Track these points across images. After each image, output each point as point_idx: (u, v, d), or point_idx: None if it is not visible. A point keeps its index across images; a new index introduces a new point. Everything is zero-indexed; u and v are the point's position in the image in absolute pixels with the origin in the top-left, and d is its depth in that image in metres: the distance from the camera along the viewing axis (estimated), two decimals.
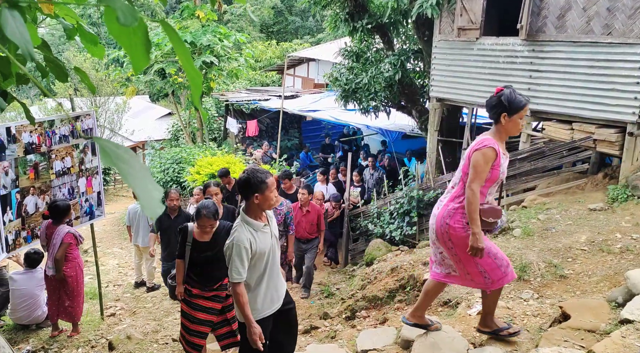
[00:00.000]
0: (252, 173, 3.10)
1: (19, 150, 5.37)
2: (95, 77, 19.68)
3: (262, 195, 3.08)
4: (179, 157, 12.23)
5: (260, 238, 3.13)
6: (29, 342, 5.91)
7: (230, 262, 3.06)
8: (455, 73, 8.83)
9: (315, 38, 33.03)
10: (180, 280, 4.44)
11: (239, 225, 3.12)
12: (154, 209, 0.54)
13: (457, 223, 3.15)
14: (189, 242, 4.33)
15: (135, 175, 0.53)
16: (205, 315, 4.42)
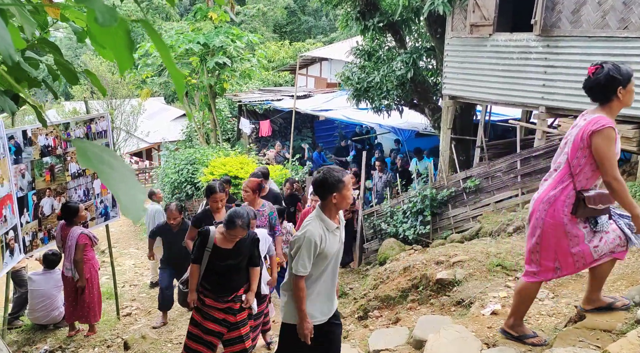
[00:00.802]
0: (328, 172, 3.00)
1: (35, 152, 5.45)
2: (110, 79, 19.94)
3: (340, 194, 2.99)
4: (193, 158, 12.31)
5: (330, 239, 3.05)
6: (46, 342, 6.00)
7: (298, 254, 2.97)
8: (468, 70, 8.75)
9: (328, 37, 33.03)
10: (194, 287, 4.17)
11: (313, 219, 3.04)
12: (137, 212, 0.54)
13: (557, 211, 2.96)
14: (208, 248, 4.02)
15: (118, 178, 0.53)
16: (216, 326, 4.14)
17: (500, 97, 8.33)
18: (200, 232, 4.12)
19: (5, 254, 4.85)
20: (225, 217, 3.92)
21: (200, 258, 4.08)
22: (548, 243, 3.05)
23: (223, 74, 14.72)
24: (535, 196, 3.16)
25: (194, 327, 4.19)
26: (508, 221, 6.48)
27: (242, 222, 3.85)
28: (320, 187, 3.02)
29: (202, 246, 4.05)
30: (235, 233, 3.89)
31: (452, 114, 9.27)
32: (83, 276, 5.43)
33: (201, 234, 4.09)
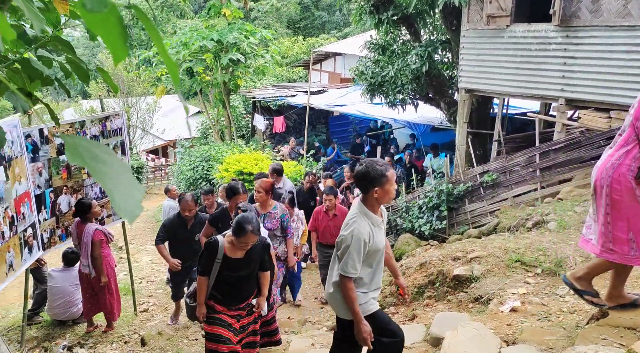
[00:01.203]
0: (370, 165, 2.87)
1: (51, 151, 5.48)
2: (126, 77, 20.10)
3: (382, 189, 2.87)
4: (208, 155, 12.36)
5: (377, 233, 2.96)
6: (65, 338, 6.06)
7: (347, 255, 2.86)
8: (484, 62, 8.61)
9: (342, 32, 32.85)
10: (202, 300, 3.91)
11: (357, 216, 2.92)
12: (133, 211, 0.50)
13: (622, 176, 2.75)
14: (218, 259, 3.78)
15: (112, 175, 0.49)
16: (231, 334, 3.97)
17: (518, 89, 8.18)
18: (208, 243, 3.87)
19: (24, 251, 4.90)
20: (234, 225, 3.71)
21: (209, 270, 3.84)
22: (618, 212, 2.80)
23: (237, 70, 14.72)
24: (598, 163, 2.95)
25: (214, 342, 3.92)
26: (527, 216, 6.36)
27: (253, 227, 3.65)
28: (362, 180, 2.91)
29: (211, 258, 3.80)
30: (246, 241, 3.68)
31: (468, 108, 9.14)
32: (103, 273, 5.46)
33: (209, 245, 3.85)
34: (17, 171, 4.76)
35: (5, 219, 4.52)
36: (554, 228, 5.44)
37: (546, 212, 5.93)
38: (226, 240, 3.82)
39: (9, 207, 4.58)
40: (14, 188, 4.68)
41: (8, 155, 4.62)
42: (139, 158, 19.97)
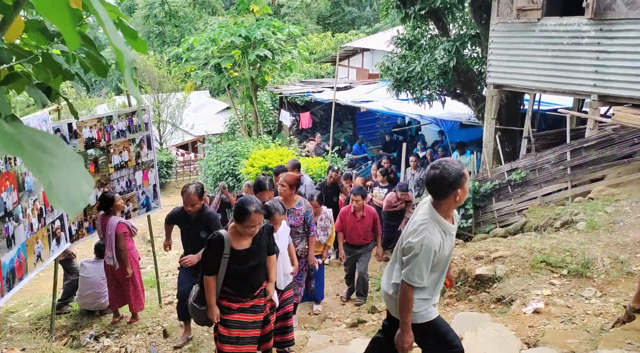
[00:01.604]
0: (448, 166, 2.61)
1: (79, 145, 5.60)
2: (157, 74, 20.44)
3: (462, 189, 2.64)
4: (234, 150, 12.47)
5: (447, 241, 2.77)
6: (92, 327, 6.21)
7: (414, 264, 2.67)
8: (514, 57, 8.39)
9: (372, 28, 32.64)
10: (213, 301, 3.65)
11: (429, 223, 2.67)
12: (75, 202, 0.49)
13: None
14: (225, 254, 3.57)
15: (56, 165, 0.48)
16: (252, 332, 3.80)
17: (549, 84, 7.95)
18: (212, 239, 3.61)
19: (52, 242, 5.03)
20: (234, 211, 3.51)
21: (217, 268, 3.59)
22: None
23: (264, 66, 14.79)
24: None
25: (228, 344, 3.71)
26: (555, 215, 6.19)
27: (255, 206, 3.42)
28: (440, 183, 2.62)
29: (218, 254, 3.58)
30: (252, 223, 3.44)
31: (496, 103, 8.93)
32: (128, 265, 5.55)
33: (213, 241, 3.59)
34: None
35: (34, 211, 4.64)
36: (583, 228, 5.27)
37: (575, 212, 5.75)
38: (230, 232, 3.62)
39: (37, 199, 4.71)
40: None
41: None
42: (169, 153, 20.30)
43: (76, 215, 0.79)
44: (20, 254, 4.38)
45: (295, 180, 5.08)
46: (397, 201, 8.01)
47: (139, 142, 6.46)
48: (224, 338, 3.71)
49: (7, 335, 5.06)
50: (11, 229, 4.24)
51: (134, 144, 6.38)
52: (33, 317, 6.26)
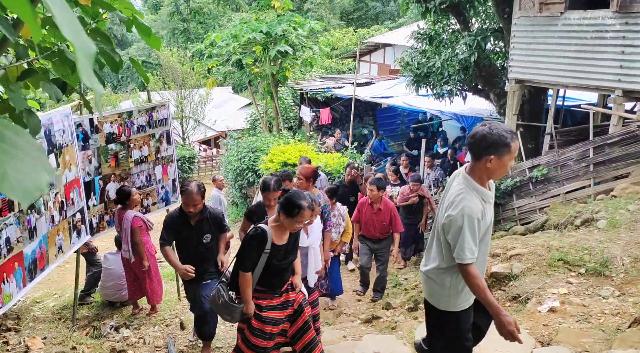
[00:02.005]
0: (494, 128, 2.44)
1: (101, 139, 5.73)
2: (180, 70, 20.68)
3: (499, 160, 2.43)
4: (255, 146, 12.55)
5: (488, 210, 2.56)
6: (113, 318, 6.35)
7: (460, 238, 2.45)
8: (536, 52, 8.23)
9: (395, 23, 32.37)
10: (250, 297, 3.55)
11: (465, 192, 2.49)
12: (29, 192, 0.50)
13: None
14: (267, 250, 3.44)
15: (14, 154, 0.50)
16: (282, 326, 3.74)
17: (572, 80, 7.78)
18: (256, 234, 3.47)
19: (73, 235, 5.16)
20: (285, 204, 3.37)
21: (256, 264, 3.49)
22: None
23: (285, 62, 14.82)
24: None
25: (259, 338, 3.63)
26: (576, 213, 6.06)
27: (308, 202, 3.35)
28: (478, 142, 2.46)
29: (260, 250, 3.45)
30: (302, 219, 3.34)
31: (518, 99, 8.78)
32: (145, 258, 5.66)
33: (258, 236, 3.46)
34: (67, 159, 5.01)
35: (55, 204, 4.77)
36: (604, 226, 5.16)
37: (596, 210, 5.63)
38: (270, 227, 3.49)
39: (59, 192, 4.83)
40: (64, 175, 4.93)
41: (59, 143, 4.86)
42: (192, 148, 20.54)
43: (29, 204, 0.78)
44: (41, 245, 4.51)
45: (311, 172, 4.92)
46: (410, 193, 7.63)
47: (159, 137, 6.57)
48: (257, 332, 3.61)
49: (30, 324, 5.21)
50: (33, 221, 4.36)
51: (153, 138, 6.49)
52: (57, 307, 6.42)
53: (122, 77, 36.18)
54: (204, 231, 4.28)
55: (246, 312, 3.59)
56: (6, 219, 3.94)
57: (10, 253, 3.99)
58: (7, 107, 2.58)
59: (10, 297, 4.00)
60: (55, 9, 0.53)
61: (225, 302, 3.64)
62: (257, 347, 3.62)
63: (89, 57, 0.55)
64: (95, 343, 5.08)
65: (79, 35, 0.56)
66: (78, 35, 0.55)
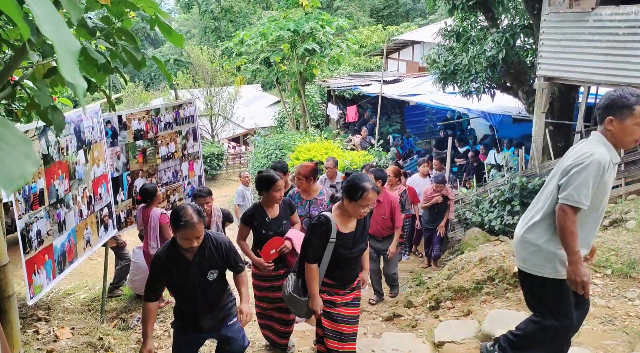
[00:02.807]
0: (619, 90, 2.39)
1: (129, 136, 5.88)
2: (210, 68, 20.97)
3: (620, 123, 2.36)
4: (281, 143, 12.64)
5: (612, 172, 2.45)
6: (139, 311, 6.54)
7: (580, 180, 2.33)
8: (566, 48, 8.02)
9: (426, 20, 32.03)
10: (316, 291, 3.28)
11: (595, 144, 2.42)
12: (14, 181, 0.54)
13: None
14: (332, 239, 3.20)
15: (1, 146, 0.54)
16: (353, 327, 3.48)
17: (603, 77, 7.56)
18: (317, 223, 3.24)
19: (100, 229, 5.32)
20: (348, 188, 3.13)
21: (322, 254, 3.24)
22: None
23: (312, 60, 14.87)
24: None
25: (331, 339, 3.38)
26: (605, 213, 5.91)
27: (370, 183, 3.13)
28: (601, 103, 2.43)
29: (324, 238, 3.21)
30: (368, 201, 3.10)
31: (547, 97, 8.58)
32: None
33: (318, 226, 3.22)
34: (96, 155, 5.17)
35: (83, 199, 4.93)
36: (633, 227, 5.02)
37: (626, 210, 5.48)
38: (334, 214, 3.25)
39: (87, 187, 4.99)
40: (92, 170, 5.09)
41: (88, 140, 5.02)
42: (220, 145, 20.81)
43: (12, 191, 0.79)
44: (70, 239, 4.67)
45: (309, 171, 4.80)
46: (433, 193, 7.41)
47: (185, 134, 6.70)
48: (329, 333, 3.36)
49: (60, 315, 5.39)
50: (62, 215, 4.52)
51: (180, 135, 6.62)
52: (87, 299, 6.61)
53: (154, 75, 36.89)
54: (209, 266, 3.16)
55: (312, 307, 3.30)
56: (37, 213, 4.09)
57: (41, 246, 4.15)
58: (34, 104, 2.70)
59: (41, 288, 4.16)
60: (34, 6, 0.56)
61: (290, 293, 3.37)
62: (337, 352, 3.33)
63: (71, 53, 0.58)
64: (122, 334, 5.22)
65: (60, 31, 0.59)
66: (59, 32, 0.58)
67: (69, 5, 1.60)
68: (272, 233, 4.08)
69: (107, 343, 4.53)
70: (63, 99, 4.74)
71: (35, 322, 4.97)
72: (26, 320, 4.96)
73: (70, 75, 0.57)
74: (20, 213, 3.86)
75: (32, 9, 0.56)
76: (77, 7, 1.88)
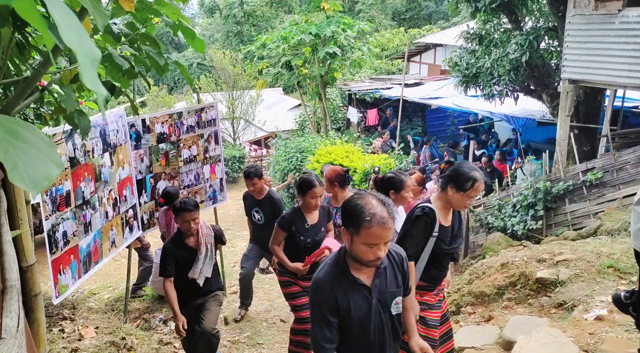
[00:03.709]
0: None
1: (152, 139, 5.97)
2: (232, 72, 21.18)
3: None
4: (302, 147, 12.68)
5: None
6: (162, 312, 6.62)
7: None
8: (592, 51, 7.88)
9: (449, 22, 31.81)
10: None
11: None
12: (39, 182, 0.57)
13: None
14: (435, 232, 2.95)
15: (25, 149, 0.56)
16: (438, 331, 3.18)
17: (630, 80, 7.40)
18: (421, 215, 2.93)
19: (125, 230, 5.42)
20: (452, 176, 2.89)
21: (422, 250, 2.98)
22: None
23: (333, 63, 14.91)
24: None
25: None
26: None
27: (478, 171, 2.89)
28: None
29: (429, 232, 2.94)
30: (477, 191, 2.85)
31: (572, 100, 8.44)
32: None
33: (422, 218, 2.92)
34: (120, 157, 5.27)
35: (109, 200, 5.03)
36: None
37: None
38: (436, 206, 2.96)
39: (112, 189, 5.09)
40: (117, 172, 5.19)
41: (113, 143, 5.13)
42: (242, 148, 20.98)
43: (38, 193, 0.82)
44: (96, 240, 4.77)
45: (335, 175, 4.35)
46: None
47: (207, 137, 6.78)
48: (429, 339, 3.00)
49: (84, 314, 5.50)
50: (88, 216, 4.62)
51: (202, 138, 6.70)
52: (111, 299, 6.72)
53: (177, 79, 37.43)
54: None
55: None
56: (63, 214, 4.19)
57: (67, 246, 4.25)
58: (62, 108, 2.77)
59: (66, 288, 4.25)
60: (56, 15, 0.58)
61: None
62: None
63: (92, 61, 0.61)
64: (145, 335, 5.30)
65: (82, 40, 0.61)
66: (80, 41, 0.61)
67: (96, 13, 1.65)
68: (310, 240, 3.83)
69: (130, 343, 4.61)
70: (89, 103, 4.86)
71: (60, 320, 5.08)
72: (52, 318, 5.08)
73: (91, 83, 0.59)
74: (47, 215, 3.96)
75: (55, 19, 0.59)
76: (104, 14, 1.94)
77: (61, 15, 0.59)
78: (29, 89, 2.46)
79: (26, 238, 2.24)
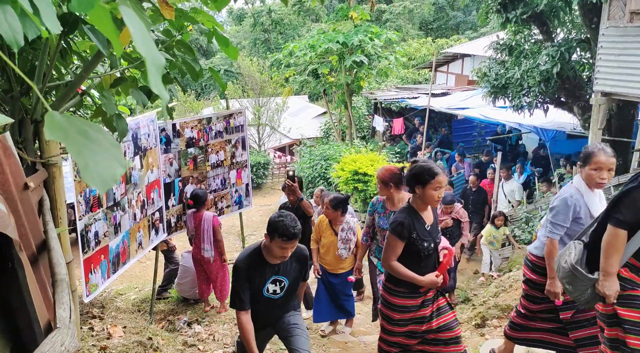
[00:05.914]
0: None
1: (181, 144, 6.08)
2: (259, 79, 21.43)
3: None
4: (327, 154, 12.72)
5: None
6: (186, 314, 6.69)
7: None
8: (626, 63, 7.73)
9: (477, 33, 31.60)
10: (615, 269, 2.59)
11: None
12: (106, 182, 0.60)
13: None
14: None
15: (94, 149, 0.60)
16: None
17: None
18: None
19: (152, 232, 5.52)
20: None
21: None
22: None
23: (360, 72, 14.95)
24: None
25: None
26: None
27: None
28: None
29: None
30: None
31: (604, 113, 8.28)
32: (224, 252, 5.97)
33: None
34: (150, 161, 5.38)
35: (137, 203, 5.14)
36: None
37: None
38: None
39: (141, 192, 5.20)
40: (146, 175, 5.30)
41: (144, 146, 5.24)
42: (267, 155, 21.15)
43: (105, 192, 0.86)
44: (124, 240, 4.86)
45: (390, 174, 3.96)
46: (441, 215, 6.42)
47: (235, 142, 6.87)
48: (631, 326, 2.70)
49: (113, 314, 5.61)
50: (118, 218, 4.72)
51: (230, 144, 6.79)
52: (137, 300, 6.83)
53: (205, 85, 38.00)
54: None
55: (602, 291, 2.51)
56: (96, 215, 4.30)
57: (98, 246, 4.34)
58: (100, 112, 2.86)
59: (96, 287, 4.35)
60: (132, 28, 0.63)
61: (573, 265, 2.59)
62: None
63: (157, 68, 0.64)
64: (170, 336, 5.37)
65: (151, 49, 0.65)
66: (150, 49, 0.64)
67: None
68: (433, 245, 3.14)
69: (156, 344, 4.67)
70: (121, 107, 4.98)
71: (90, 319, 5.19)
72: (82, 316, 5.19)
73: (156, 87, 0.63)
74: (80, 215, 4.06)
75: (130, 30, 0.63)
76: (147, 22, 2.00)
77: (135, 26, 0.63)
78: (71, 92, 2.55)
79: (64, 236, 2.31)
